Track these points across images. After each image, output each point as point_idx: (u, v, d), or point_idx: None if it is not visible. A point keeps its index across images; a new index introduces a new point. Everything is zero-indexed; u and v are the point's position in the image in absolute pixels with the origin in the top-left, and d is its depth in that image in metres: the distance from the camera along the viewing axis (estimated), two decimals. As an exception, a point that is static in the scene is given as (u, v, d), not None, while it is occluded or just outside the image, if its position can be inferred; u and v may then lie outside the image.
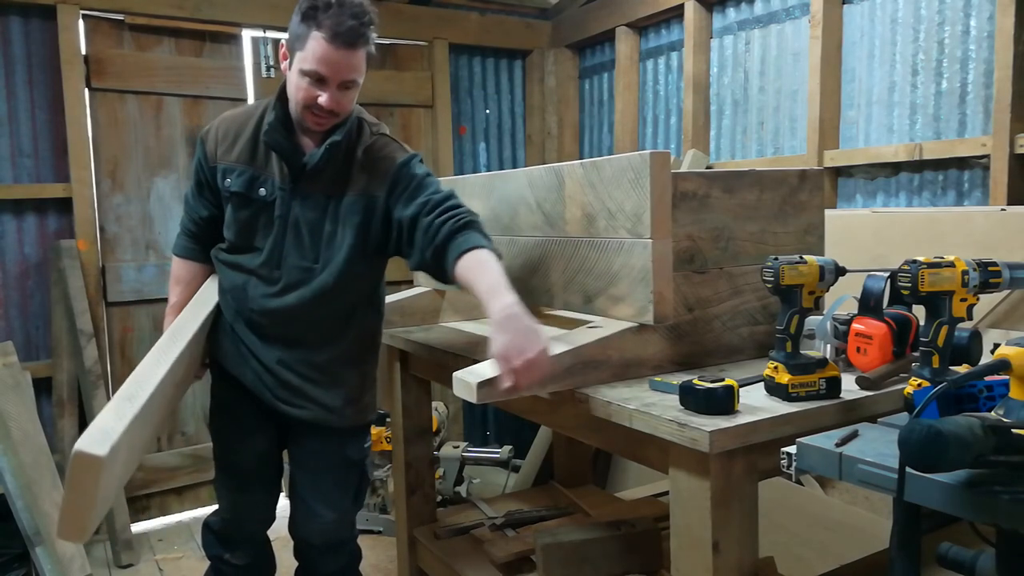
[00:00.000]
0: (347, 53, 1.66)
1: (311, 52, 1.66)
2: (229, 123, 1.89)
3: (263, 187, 1.82)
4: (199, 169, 1.93)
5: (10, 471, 2.45)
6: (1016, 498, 0.93)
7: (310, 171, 1.79)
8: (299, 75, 1.70)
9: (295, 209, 1.81)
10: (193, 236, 2.02)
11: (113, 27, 3.33)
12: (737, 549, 1.38)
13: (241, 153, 1.84)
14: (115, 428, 1.51)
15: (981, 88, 2.48)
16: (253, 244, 1.86)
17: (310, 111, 1.72)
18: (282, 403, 1.89)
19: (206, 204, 1.95)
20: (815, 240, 1.89)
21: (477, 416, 4.28)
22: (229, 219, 1.87)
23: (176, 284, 2.05)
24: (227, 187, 1.85)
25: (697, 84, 3.44)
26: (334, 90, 1.70)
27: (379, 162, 1.83)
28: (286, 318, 1.85)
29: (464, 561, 2.34)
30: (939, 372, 1.26)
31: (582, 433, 1.74)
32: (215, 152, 1.87)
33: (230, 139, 1.86)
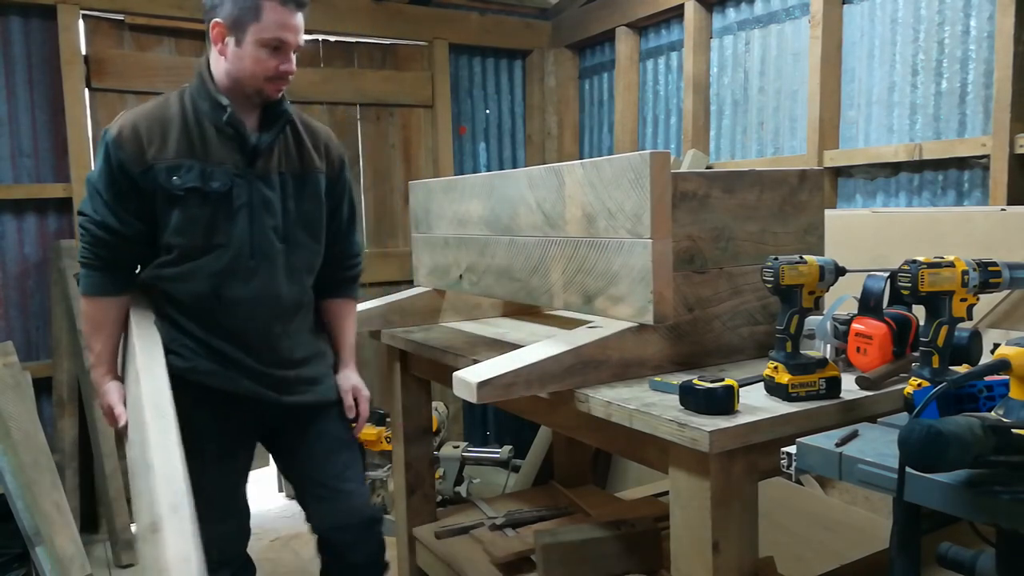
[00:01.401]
0: (299, 14, 1.73)
1: (269, 21, 1.68)
2: (147, 121, 1.73)
3: (215, 179, 1.72)
4: (118, 177, 1.71)
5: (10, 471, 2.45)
6: (1016, 498, 0.93)
7: (265, 149, 1.78)
8: (256, 47, 1.70)
9: (256, 191, 1.77)
10: (106, 265, 1.77)
11: (113, 27, 3.33)
12: (737, 549, 1.38)
13: (178, 148, 1.71)
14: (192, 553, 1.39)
15: (981, 88, 2.48)
16: (213, 242, 1.74)
17: (270, 81, 1.73)
18: (285, 395, 1.87)
19: (130, 217, 1.73)
20: (815, 240, 1.89)
21: (477, 416, 4.28)
22: (181, 221, 1.72)
23: (97, 330, 1.78)
24: (178, 185, 1.70)
25: (697, 84, 3.44)
26: (291, 55, 1.75)
27: (328, 148, 1.93)
28: (273, 306, 1.81)
29: (464, 561, 2.34)
30: (939, 372, 1.26)
31: (582, 433, 1.74)
32: (141, 154, 1.70)
33: (158, 137, 1.71)
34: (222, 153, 1.75)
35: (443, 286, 2.43)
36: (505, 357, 1.63)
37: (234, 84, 1.75)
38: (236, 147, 1.76)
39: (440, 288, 2.46)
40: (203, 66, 1.78)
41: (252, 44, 1.69)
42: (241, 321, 1.80)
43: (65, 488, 2.85)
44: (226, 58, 1.73)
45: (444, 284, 2.42)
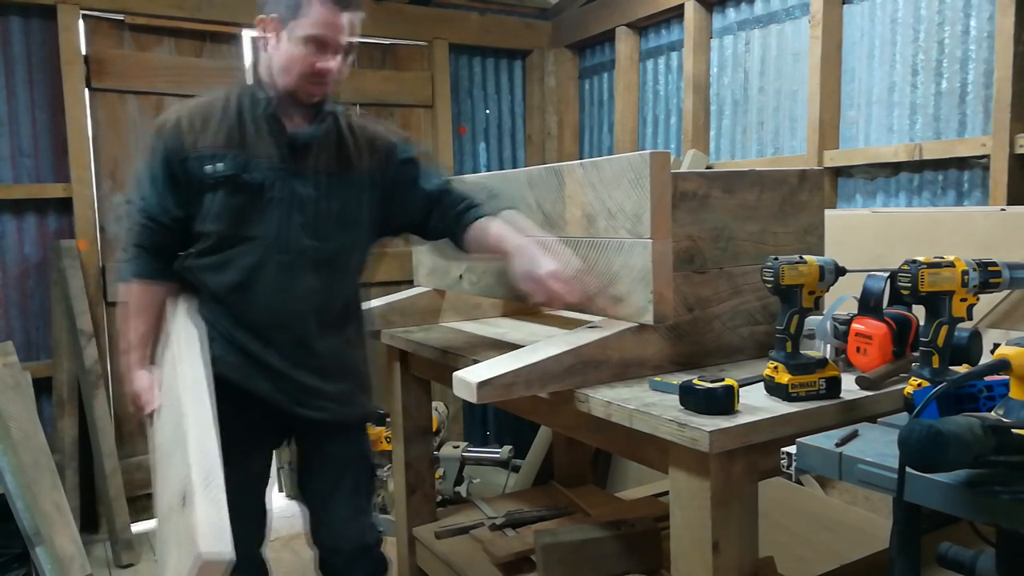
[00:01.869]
0: (345, 14, 1.69)
1: (312, 17, 1.65)
2: (193, 112, 1.76)
3: (255, 170, 1.73)
4: (162, 166, 1.74)
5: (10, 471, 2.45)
6: (1016, 498, 0.93)
7: (306, 146, 1.76)
8: (297, 44, 1.67)
9: (294, 188, 1.75)
10: (157, 250, 1.80)
11: (113, 27, 3.33)
12: (737, 549, 1.38)
13: (219, 138, 1.73)
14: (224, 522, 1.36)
15: (981, 88, 2.48)
16: (247, 233, 1.74)
17: (308, 80, 1.70)
18: (303, 408, 1.81)
19: (173, 206, 1.76)
20: (815, 240, 1.89)
21: (477, 416, 4.28)
22: (218, 208, 1.73)
23: (138, 314, 1.81)
24: (214, 173, 1.71)
25: (697, 84, 3.44)
26: (333, 55, 1.70)
27: (375, 142, 1.86)
28: (301, 304, 1.78)
29: (464, 561, 2.34)
30: (939, 372, 1.26)
31: (582, 433, 1.74)
32: (182, 143, 1.73)
33: (198, 126, 1.74)
34: (261, 147, 1.75)
35: (443, 286, 2.43)
36: (505, 357, 1.63)
37: (279, 81, 1.74)
38: (275, 142, 1.75)
39: (440, 288, 2.46)
40: (253, 63, 1.80)
41: (292, 40, 1.68)
42: (267, 316, 1.77)
43: (65, 488, 2.85)
44: (271, 54, 1.74)
45: (444, 284, 2.42)
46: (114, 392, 3.37)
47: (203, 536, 1.31)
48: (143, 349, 1.81)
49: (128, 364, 1.81)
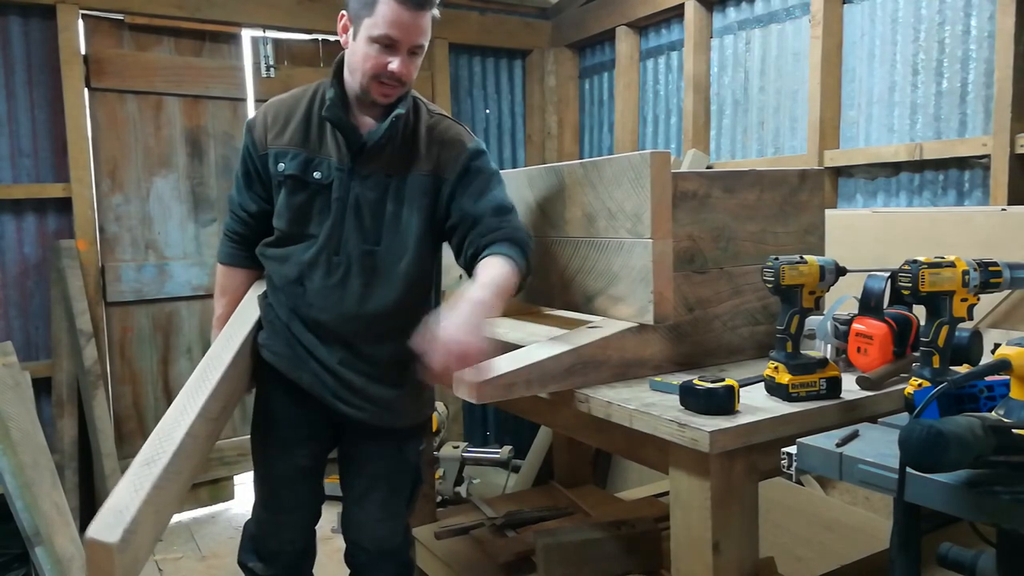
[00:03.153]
0: (417, 15, 1.64)
1: (382, 16, 1.62)
2: (278, 107, 1.81)
3: (318, 169, 1.74)
4: (247, 159, 1.83)
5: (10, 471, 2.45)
6: (1016, 498, 0.93)
7: (371, 148, 1.72)
8: (368, 43, 1.65)
9: (355, 190, 1.73)
10: (239, 239, 1.92)
11: (113, 27, 3.33)
12: (737, 549, 1.37)
13: (293, 136, 1.76)
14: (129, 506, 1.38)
15: (981, 88, 2.48)
16: (307, 231, 1.76)
17: (378, 80, 1.68)
18: (343, 404, 1.80)
19: (255, 197, 1.85)
20: (815, 240, 1.88)
21: (477, 416, 4.28)
22: (282, 206, 1.78)
23: (222, 295, 1.97)
24: (281, 171, 1.76)
25: (697, 84, 3.44)
26: (404, 56, 1.67)
27: (448, 145, 1.78)
28: (353, 307, 1.75)
29: (464, 561, 2.34)
30: (939, 372, 1.26)
31: (582, 433, 1.74)
32: (264, 138, 1.79)
33: (280, 123, 1.78)
34: (331, 146, 1.75)
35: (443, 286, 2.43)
36: (505, 357, 1.63)
37: (351, 79, 1.73)
38: (345, 142, 1.74)
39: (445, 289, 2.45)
40: (338, 59, 1.78)
41: (364, 39, 1.66)
42: (317, 313, 1.77)
43: (65, 488, 2.85)
44: (347, 52, 1.73)
45: (444, 284, 2.41)
46: (113, 392, 3.37)
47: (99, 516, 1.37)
48: (221, 326, 1.92)
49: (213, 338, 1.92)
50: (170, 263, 3.46)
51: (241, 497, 3.66)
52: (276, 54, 3.61)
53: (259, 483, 1.97)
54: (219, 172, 3.56)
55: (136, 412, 3.45)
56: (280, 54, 3.65)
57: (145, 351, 3.44)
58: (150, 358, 3.46)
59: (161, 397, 3.49)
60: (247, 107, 3.60)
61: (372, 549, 1.94)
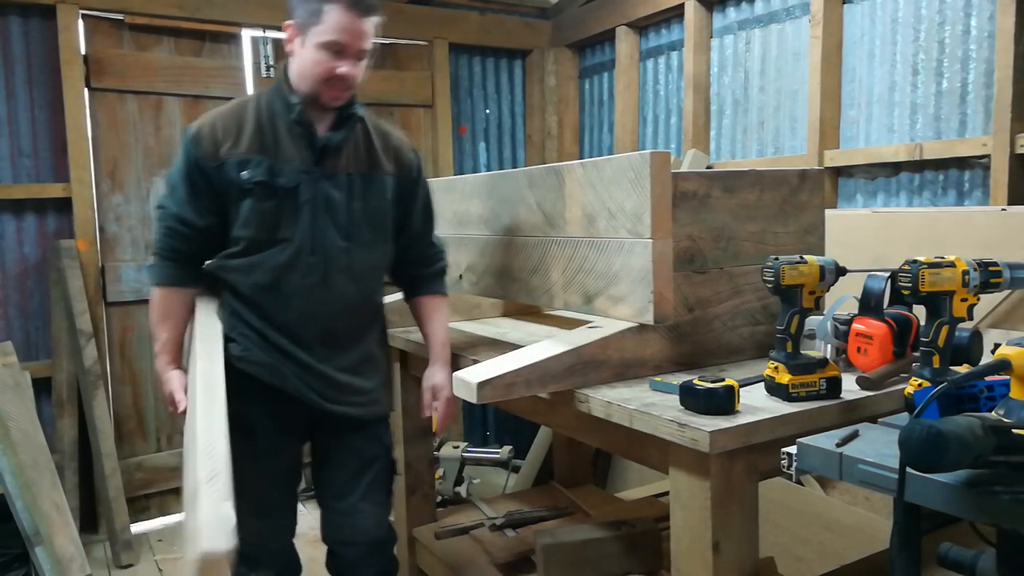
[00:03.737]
0: (363, 20, 1.72)
1: (330, 24, 1.69)
2: (225, 119, 1.80)
3: (282, 174, 1.77)
4: (193, 173, 1.78)
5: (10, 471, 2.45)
6: (1016, 498, 0.93)
7: (333, 148, 1.80)
8: (316, 49, 1.72)
9: (323, 190, 1.79)
10: (179, 257, 1.82)
11: (113, 27, 3.33)
12: (737, 549, 1.37)
13: (250, 144, 1.77)
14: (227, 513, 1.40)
15: (982, 88, 2.48)
16: (277, 236, 1.78)
17: (328, 85, 1.74)
18: (330, 402, 1.84)
19: (203, 211, 1.79)
20: (815, 240, 1.88)
21: (477, 416, 4.28)
22: (249, 213, 1.77)
23: (164, 319, 1.83)
24: (247, 179, 1.75)
25: (697, 84, 3.44)
26: (352, 60, 1.74)
27: (400, 152, 1.93)
28: (332, 305, 1.81)
29: (464, 561, 2.34)
30: (939, 372, 1.26)
31: (582, 433, 1.74)
32: (215, 150, 1.77)
33: (233, 134, 1.78)
34: (292, 151, 1.79)
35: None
36: (505, 357, 1.63)
37: (301, 85, 1.78)
38: (305, 145, 1.79)
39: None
40: (282, 70, 1.84)
41: (313, 46, 1.72)
42: (297, 315, 1.80)
43: (65, 488, 2.85)
44: (294, 59, 1.79)
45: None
46: (113, 392, 3.37)
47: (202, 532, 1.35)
48: (173, 351, 1.83)
49: (159, 367, 1.83)
50: (170, 263, 3.45)
51: (241, 497, 3.66)
52: (276, 54, 3.61)
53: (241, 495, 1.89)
54: (219, 172, 3.56)
55: (136, 412, 3.45)
56: (280, 54, 3.65)
57: (145, 351, 3.43)
58: (150, 358, 3.45)
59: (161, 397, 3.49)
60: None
61: (361, 542, 1.97)
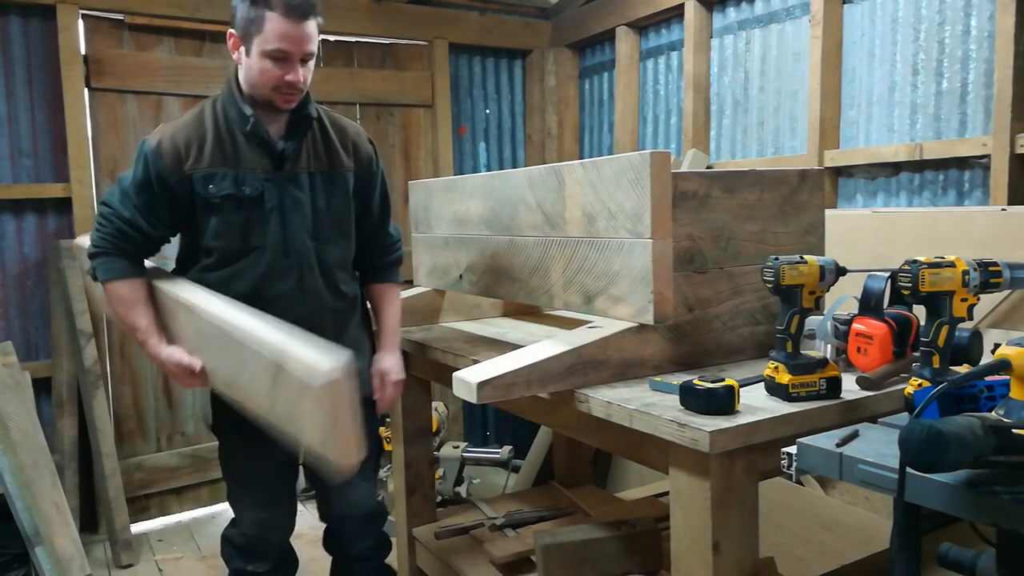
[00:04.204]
0: (304, 25, 1.73)
1: (271, 32, 1.70)
2: (185, 132, 1.81)
3: (246, 184, 1.80)
4: (152, 186, 1.78)
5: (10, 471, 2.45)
6: (1016, 498, 0.93)
7: (292, 152, 1.83)
8: (261, 58, 1.73)
9: (286, 194, 1.83)
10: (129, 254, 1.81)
11: (113, 27, 3.33)
12: (737, 549, 1.37)
13: (213, 157, 1.79)
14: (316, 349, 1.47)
15: (981, 88, 2.48)
16: (250, 244, 1.83)
17: (278, 91, 1.76)
18: None
19: (156, 223, 1.81)
20: (815, 240, 1.88)
21: (477, 416, 4.28)
22: (221, 226, 1.80)
23: (136, 307, 1.80)
24: (215, 192, 1.78)
25: (697, 84, 3.44)
26: (297, 65, 1.76)
27: (358, 145, 1.96)
28: (309, 304, 1.87)
29: (464, 561, 2.34)
30: (939, 372, 1.26)
31: (582, 433, 1.74)
32: (179, 164, 1.78)
33: (195, 147, 1.79)
34: (252, 159, 1.81)
35: (443, 286, 2.43)
36: (505, 357, 1.63)
37: (252, 92, 1.80)
38: (264, 152, 1.82)
39: (440, 288, 2.46)
40: (231, 75, 1.84)
41: (257, 55, 1.74)
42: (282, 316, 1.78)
43: (65, 488, 2.84)
44: (242, 67, 1.80)
45: (444, 284, 2.42)
46: (113, 392, 3.37)
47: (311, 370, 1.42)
48: (158, 332, 1.82)
49: (153, 349, 1.81)
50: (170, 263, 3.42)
51: (241, 497, 3.66)
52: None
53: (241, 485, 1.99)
54: (219, 172, 3.56)
55: (136, 412, 3.45)
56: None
57: (145, 351, 3.43)
58: (150, 358, 3.46)
59: (161, 397, 3.49)
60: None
61: (357, 515, 2.07)
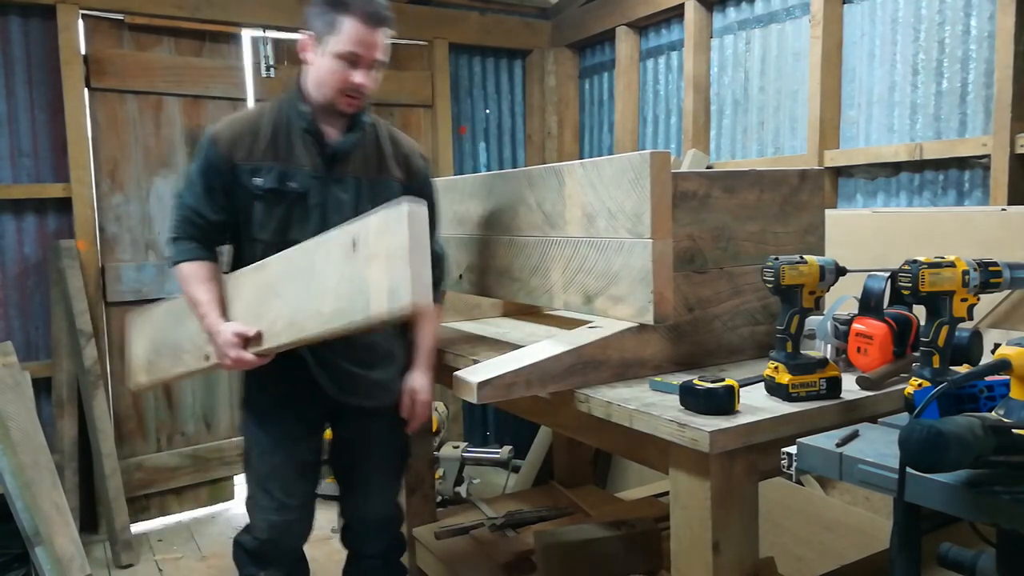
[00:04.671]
0: (378, 32, 1.80)
1: (346, 35, 1.77)
2: (241, 125, 1.88)
3: (293, 180, 1.85)
4: (209, 173, 1.86)
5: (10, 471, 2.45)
6: (1016, 498, 0.93)
7: (343, 154, 1.88)
8: (332, 59, 1.79)
9: (331, 194, 1.87)
10: (196, 239, 1.90)
11: (113, 27, 3.33)
12: (737, 549, 1.37)
13: (265, 151, 1.86)
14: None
15: (981, 88, 2.48)
16: (289, 238, 1.86)
17: (343, 94, 1.82)
18: (347, 395, 1.92)
19: (216, 208, 1.88)
20: (815, 240, 1.88)
21: (477, 416, 4.28)
22: (263, 217, 1.86)
23: (199, 284, 1.86)
24: (259, 185, 1.84)
25: (697, 84, 3.44)
26: (366, 70, 1.82)
27: (410, 159, 1.99)
28: None
29: (464, 561, 2.34)
30: (939, 372, 1.25)
31: (582, 433, 1.74)
32: (231, 154, 1.84)
33: (248, 140, 1.86)
34: (303, 157, 1.86)
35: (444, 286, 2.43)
36: (505, 357, 1.63)
37: (316, 93, 1.86)
38: (316, 151, 1.87)
39: (440, 288, 2.45)
40: (297, 76, 1.91)
41: (329, 56, 1.80)
42: None
43: (65, 488, 2.85)
44: (310, 68, 1.86)
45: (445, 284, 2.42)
46: (113, 392, 3.37)
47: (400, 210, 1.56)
48: (217, 309, 1.85)
49: (211, 325, 1.84)
50: (170, 263, 3.46)
51: (241, 497, 3.66)
52: (276, 54, 3.61)
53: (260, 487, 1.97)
54: (219, 172, 3.56)
55: (136, 412, 3.45)
56: (280, 54, 3.65)
57: (145, 351, 3.43)
58: (150, 358, 3.46)
59: (161, 397, 3.49)
60: (247, 107, 3.60)
61: (373, 518, 2.10)
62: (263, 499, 1.96)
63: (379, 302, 1.60)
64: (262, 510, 1.96)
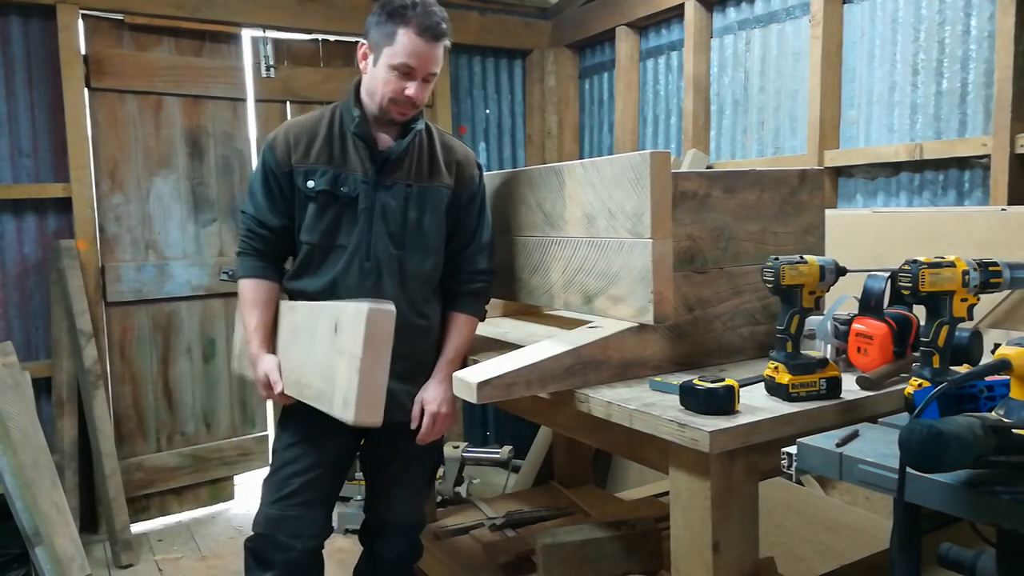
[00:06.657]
0: (433, 46, 1.82)
1: (401, 47, 1.80)
2: (299, 129, 1.93)
3: (345, 184, 1.88)
4: (268, 178, 1.92)
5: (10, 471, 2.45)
6: (1016, 498, 0.93)
7: (394, 160, 1.89)
8: (387, 70, 1.82)
9: (380, 199, 1.88)
10: (261, 253, 1.95)
11: (113, 27, 3.32)
12: (737, 549, 1.37)
13: (319, 155, 1.89)
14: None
15: (981, 88, 2.48)
16: (336, 242, 1.89)
17: (395, 103, 1.85)
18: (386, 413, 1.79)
19: (277, 213, 1.92)
20: (815, 240, 1.88)
21: (477, 416, 4.28)
22: (312, 220, 1.89)
23: (254, 306, 1.93)
24: (311, 188, 1.88)
25: (697, 84, 3.44)
26: (419, 82, 1.84)
27: (463, 165, 1.99)
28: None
29: (464, 561, 2.34)
30: (940, 372, 1.26)
31: (582, 433, 1.74)
32: (288, 157, 1.89)
33: (304, 144, 1.90)
34: (356, 162, 1.90)
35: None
36: (505, 357, 1.63)
37: (368, 101, 1.89)
38: (368, 157, 1.89)
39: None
40: (353, 84, 1.95)
41: (384, 66, 1.83)
42: None
43: (64, 488, 2.85)
44: (365, 76, 1.89)
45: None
46: (113, 392, 3.37)
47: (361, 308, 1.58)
48: (263, 335, 1.93)
49: (253, 351, 1.92)
50: (170, 263, 3.46)
51: (241, 497, 3.66)
52: (276, 54, 3.61)
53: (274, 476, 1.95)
54: (219, 172, 3.56)
55: (136, 412, 3.45)
56: (280, 54, 3.65)
57: (145, 351, 3.44)
58: (150, 358, 3.46)
59: (161, 397, 3.49)
60: (247, 107, 3.60)
61: (394, 523, 2.09)
62: (268, 493, 1.96)
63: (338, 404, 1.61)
64: (262, 504, 1.96)
